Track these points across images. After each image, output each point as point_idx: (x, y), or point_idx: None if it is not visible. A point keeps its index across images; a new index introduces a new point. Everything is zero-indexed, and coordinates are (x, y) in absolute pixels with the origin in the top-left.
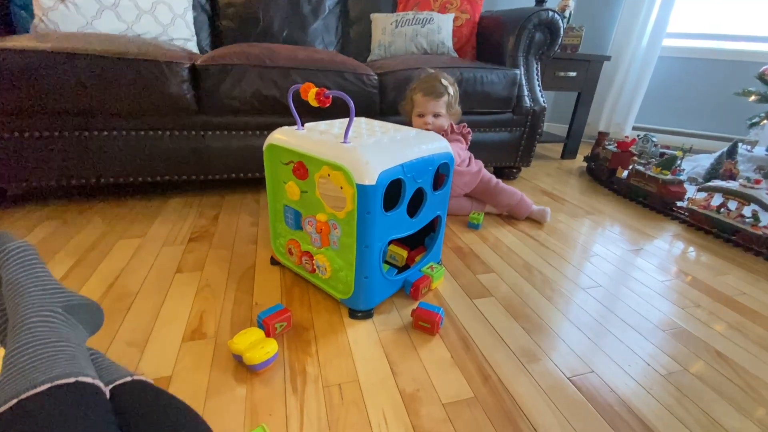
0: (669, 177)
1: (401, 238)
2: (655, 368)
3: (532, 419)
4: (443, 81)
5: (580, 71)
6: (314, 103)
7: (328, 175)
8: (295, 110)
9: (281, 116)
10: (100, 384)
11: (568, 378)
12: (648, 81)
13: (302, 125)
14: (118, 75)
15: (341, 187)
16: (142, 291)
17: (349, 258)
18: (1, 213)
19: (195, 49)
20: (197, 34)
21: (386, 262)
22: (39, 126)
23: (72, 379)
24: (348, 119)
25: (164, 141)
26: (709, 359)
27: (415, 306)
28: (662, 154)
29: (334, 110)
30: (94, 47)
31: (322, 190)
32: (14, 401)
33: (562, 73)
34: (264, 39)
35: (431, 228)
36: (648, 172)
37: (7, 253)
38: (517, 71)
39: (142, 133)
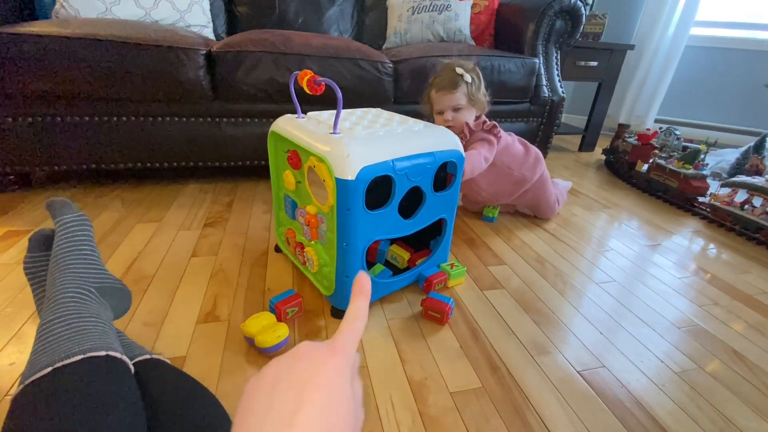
0: (691, 171)
1: (405, 238)
2: (669, 365)
3: (540, 411)
4: (458, 70)
5: (602, 61)
6: (308, 91)
7: (314, 166)
8: (296, 97)
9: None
10: (127, 360)
11: (578, 372)
12: (673, 72)
13: (302, 113)
14: (136, 61)
15: (324, 180)
16: (159, 274)
17: (333, 254)
18: (25, 196)
19: (211, 36)
20: (213, 20)
21: (387, 262)
22: (60, 111)
23: (103, 353)
24: (336, 109)
25: (181, 127)
26: (726, 358)
27: (425, 296)
28: (685, 148)
29: (355, 100)
30: (113, 33)
31: (312, 178)
32: (49, 369)
33: (582, 63)
34: (280, 25)
35: (438, 229)
36: (669, 166)
37: (61, 225)
38: (536, 60)
39: (160, 119)
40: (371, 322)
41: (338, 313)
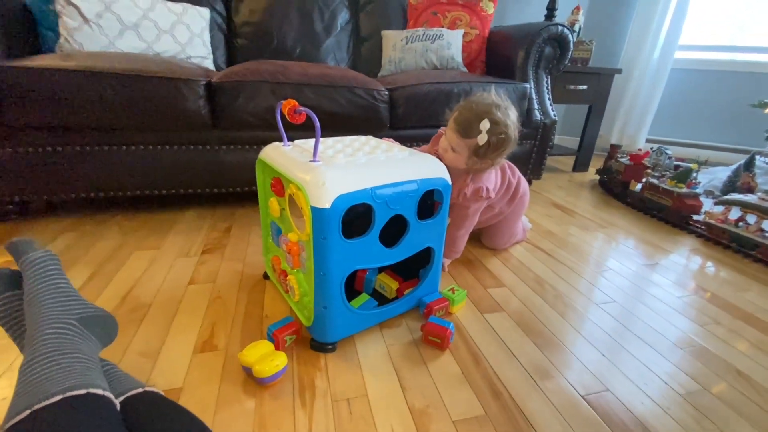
0: (684, 190)
1: (393, 267)
2: (673, 387)
3: None
4: (482, 125)
5: (591, 84)
6: (290, 120)
7: (293, 193)
8: (282, 126)
9: (294, 131)
10: (111, 396)
11: (582, 396)
12: (661, 93)
13: (288, 141)
14: (138, 92)
15: (302, 208)
16: (156, 302)
17: (312, 283)
18: (23, 224)
19: (211, 66)
20: (214, 51)
21: (375, 291)
22: (61, 141)
23: (83, 391)
24: (314, 138)
25: (181, 155)
26: (730, 379)
27: (425, 321)
28: (677, 167)
29: (352, 126)
30: (115, 65)
31: (293, 206)
32: (27, 412)
33: (572, 86)
34: (278, 56)
35: (428, 258)
36: (663, 185)
37: (29, 264)
38: (527, 85)
39: (160, 147)
40: (370, 348)
41: (318, 347)
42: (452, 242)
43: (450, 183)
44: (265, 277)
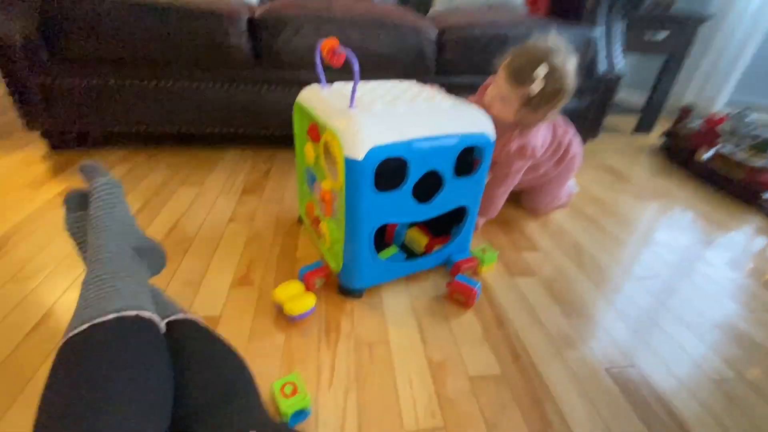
0: (761, 163)
1: (425, 222)
2: (706, 370)
3: (560, 405)
4: (539, 70)
5: (672, 32)
6: (328, 62)
7: (328, 140)
8: (320, 66)
9: (337, 72)
10: (157, 318)
11: (605, 368)
12: (756, 47)
13: (326, 83)
14: (179, 26)
15: (335, 156)
16: (199, 236)
17: (343, 232)
18: (81, 153)
19: (255, 1)
20: None
21: (404, 245)
22: (111, 75)
23: (133, 313)
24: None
25: (223, 93)
26: None
27: (452, 278)
28: (757, 137)
29: (395, 69)
30: None
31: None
32: (86, 326)
33: (649, 35)
34: None
35: (461, 216)
36: (734, 157)
37: (97, 188)
38: (593, 32)
39: (203, 84)
40: (395, 299)
41: (345, 292)
42: (490, 201)
43: (494, 140)
44: (300, 221)
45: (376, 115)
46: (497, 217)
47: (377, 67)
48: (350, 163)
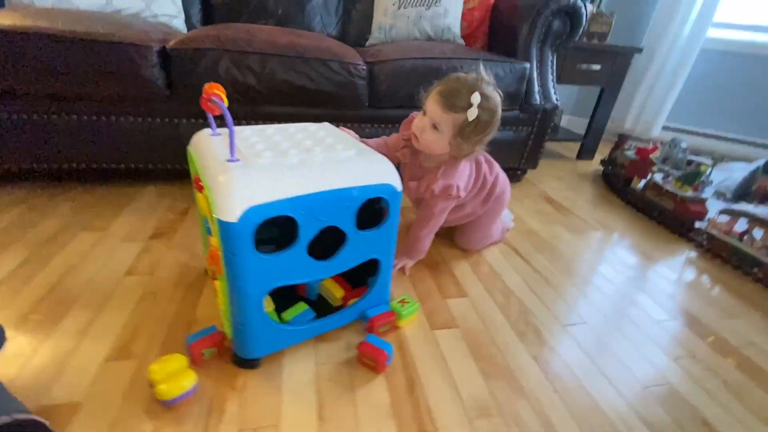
0: (689, 193)
1: (343, 273)
2: None
3: None
4: (473, 98)
5: (606, 64)
6: (204, 109)
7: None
8: (210, 114)
9: (259, 106)
10: None
11: None
12: (685, 76)
13: (217, 130)
14: (83, 57)
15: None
16: (84, 296)
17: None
18: None
19: (182, 27)
20: (188, 9)
21: (320, 297)
22: (8, 108)
23: None
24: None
25: (138, 127)
26: (693, 430)
27: (364, 338)
28: (689, 162)
29: (325, 104)
30: (57, 26)
31: None
32: None
33: (584, 66)
34: (257, 17)
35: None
36: (666, 186)
37: None
38: (527, 65)
39: (114, 117)
40: (297, 366)
41: (238, 362)
42: (415, 242)
43: (400, 190)
44: (206, 272)
45: (260, 169)
46: (428, 258)
47: (306, 102)
48: (224, 226)
